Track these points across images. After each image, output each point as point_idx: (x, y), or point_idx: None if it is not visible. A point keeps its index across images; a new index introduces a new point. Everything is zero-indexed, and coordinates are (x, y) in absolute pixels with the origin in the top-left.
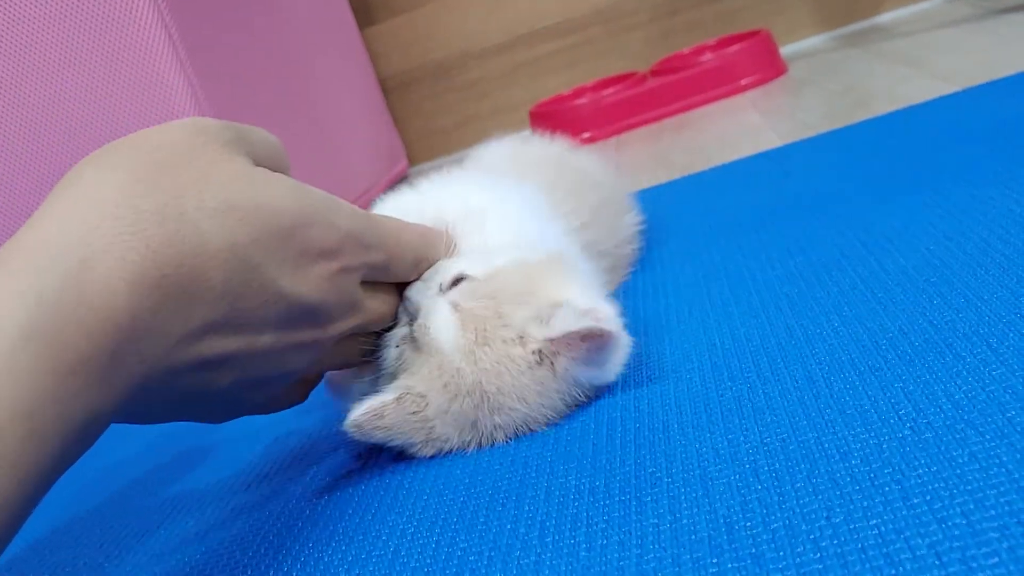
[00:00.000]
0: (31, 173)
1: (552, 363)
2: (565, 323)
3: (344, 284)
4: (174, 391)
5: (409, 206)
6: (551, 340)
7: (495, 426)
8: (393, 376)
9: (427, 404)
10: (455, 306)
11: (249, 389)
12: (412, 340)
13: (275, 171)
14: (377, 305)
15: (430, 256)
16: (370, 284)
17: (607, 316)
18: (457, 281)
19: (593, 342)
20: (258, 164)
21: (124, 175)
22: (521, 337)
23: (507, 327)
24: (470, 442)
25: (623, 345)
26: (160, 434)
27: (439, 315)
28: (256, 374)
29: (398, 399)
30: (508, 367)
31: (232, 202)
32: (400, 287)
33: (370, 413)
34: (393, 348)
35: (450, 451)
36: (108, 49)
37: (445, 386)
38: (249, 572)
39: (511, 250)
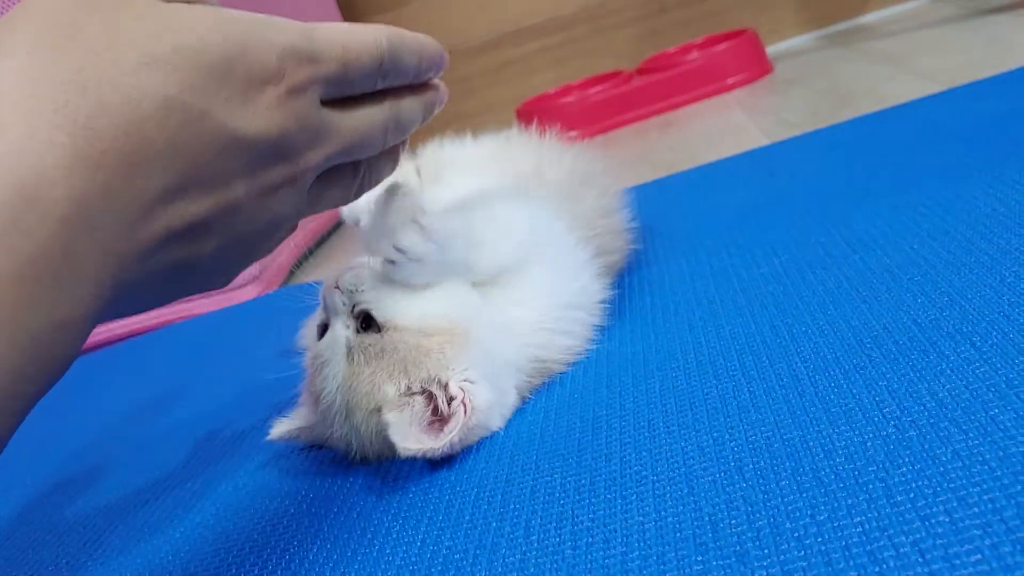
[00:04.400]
0: None
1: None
2: (397, 430)
3: (300, 107)
4: (157, 274)
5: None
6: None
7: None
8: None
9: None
10: (350, 353)
11: (240, 248)
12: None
13: (192, 2)
14: (354, 124)
15: (389, 57)
16: (342, 103)
17: (471, 409)
18: (362, 314)
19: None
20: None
21: (25, 54)
22: (378, 410)
23: (370, 397)
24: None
25: (451, 442)
26: (145, 429)
27: (334, 363)
28: (242, 231)
29: (306, 428)
30: (363, 428)
31: (151, 52)
32: (391, 95)
33: (285, 436)
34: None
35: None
36: None
37: (322, 415)
38: (234, 570)
39: (436, 300)
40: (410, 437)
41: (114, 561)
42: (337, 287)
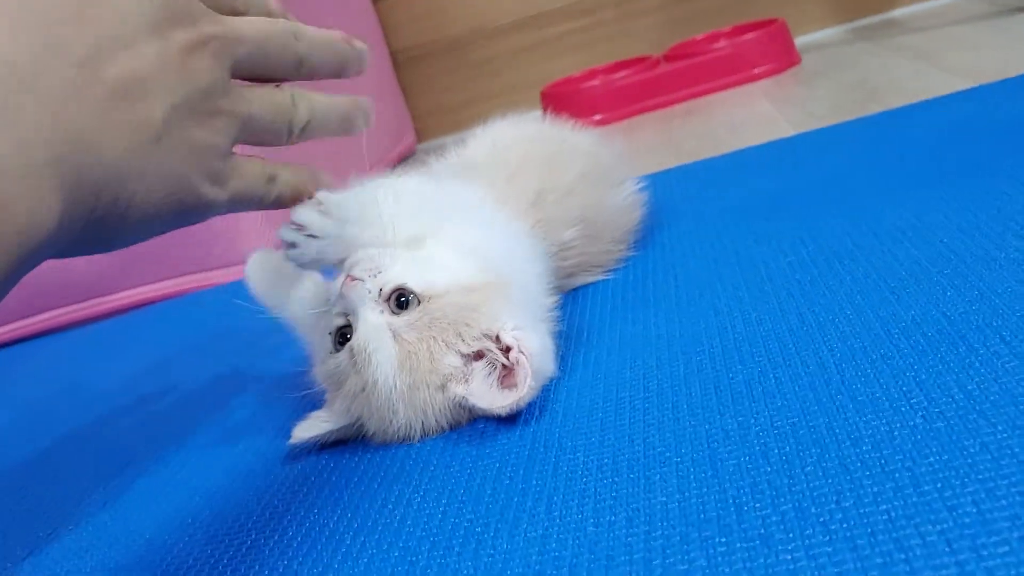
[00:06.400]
0: None
1: (468, 407)
2: (481, 397)
3: None
4: (123, 135)
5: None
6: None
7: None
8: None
9: (361, 425)
10: (396, 336)
11: (195, 113)
12: (351, 353)
13: None
14: (248, 23)
15: None
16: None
17: (529, 354)
18: (396, 292)
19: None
20: None
21: None
22: (444, 386)
23: (434, 373)
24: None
25: (530, 386)
26: (164, 398)
27: (383, 349)
28: (185, 93)
29: (341, 428)
30: (430, 409)
31: None
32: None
33: (313, 439)
34: (334, 352)
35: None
36: None
37: (377, 411)
38: (254, 535)
39: (452, 258)
40: (496, 398)
41: (133, 523)
42: (353, 279)
